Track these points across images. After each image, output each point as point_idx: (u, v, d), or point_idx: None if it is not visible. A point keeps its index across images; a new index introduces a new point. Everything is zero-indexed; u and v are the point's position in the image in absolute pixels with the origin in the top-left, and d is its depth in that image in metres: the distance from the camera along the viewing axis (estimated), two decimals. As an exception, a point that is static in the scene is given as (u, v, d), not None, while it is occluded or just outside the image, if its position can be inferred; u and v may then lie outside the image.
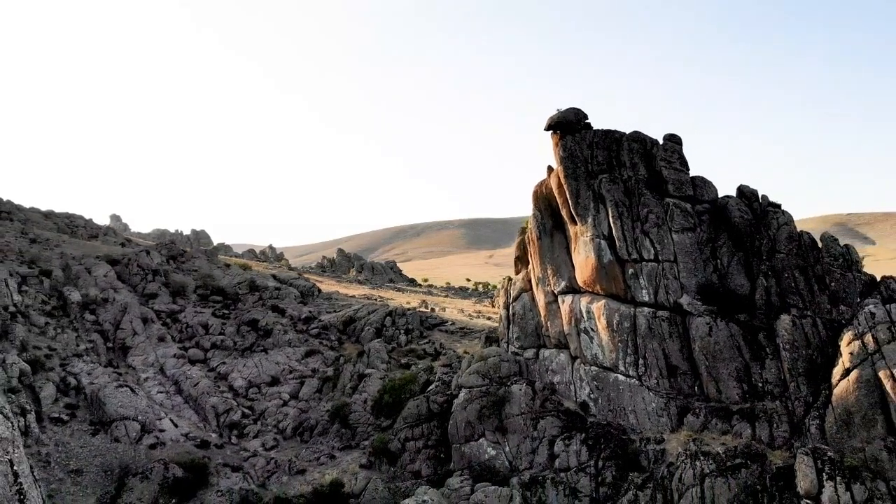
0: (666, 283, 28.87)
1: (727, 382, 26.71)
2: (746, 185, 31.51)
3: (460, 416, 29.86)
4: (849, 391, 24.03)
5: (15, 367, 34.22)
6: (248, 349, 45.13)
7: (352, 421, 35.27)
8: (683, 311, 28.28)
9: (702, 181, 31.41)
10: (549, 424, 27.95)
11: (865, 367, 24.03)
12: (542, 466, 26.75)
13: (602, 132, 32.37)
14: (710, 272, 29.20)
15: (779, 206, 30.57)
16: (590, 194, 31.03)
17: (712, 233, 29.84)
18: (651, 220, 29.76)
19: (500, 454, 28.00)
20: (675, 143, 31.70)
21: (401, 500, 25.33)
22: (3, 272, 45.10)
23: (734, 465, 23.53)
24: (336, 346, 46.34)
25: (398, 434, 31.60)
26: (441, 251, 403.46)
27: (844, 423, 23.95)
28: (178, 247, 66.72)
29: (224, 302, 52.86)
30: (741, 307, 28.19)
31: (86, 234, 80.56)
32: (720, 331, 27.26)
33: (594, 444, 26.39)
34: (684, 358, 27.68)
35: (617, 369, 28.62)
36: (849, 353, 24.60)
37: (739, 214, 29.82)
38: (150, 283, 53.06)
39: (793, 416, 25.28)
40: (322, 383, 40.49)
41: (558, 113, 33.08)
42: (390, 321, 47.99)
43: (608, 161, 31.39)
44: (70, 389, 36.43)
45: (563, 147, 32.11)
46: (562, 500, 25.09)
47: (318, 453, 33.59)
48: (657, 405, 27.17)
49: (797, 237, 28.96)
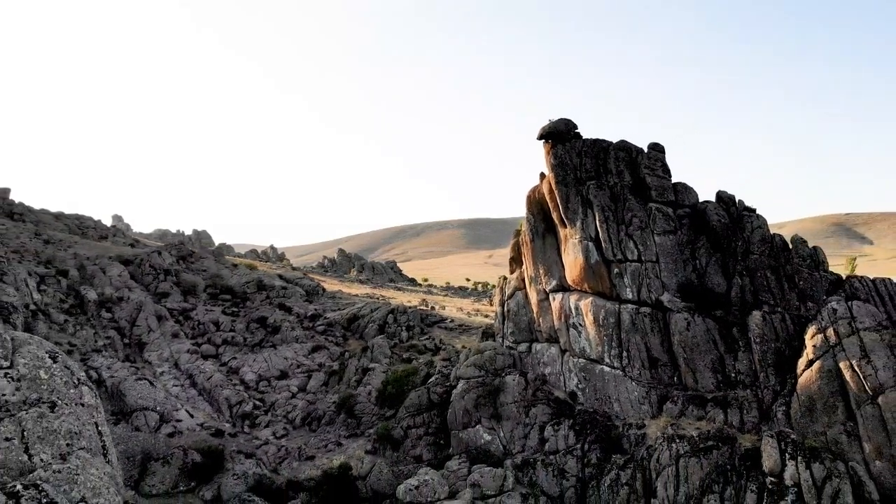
0: (648, 282, 31.21)
1: (703, 373, 29.06)
2: (724, 191, 33.84)
3: (458, 405, 32.23)
4: (812, 380, 26.38)
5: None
6: (258, 345, 47.48)
7: (357, 411, 37.61)
8: (664, 307, 30.63)
9: (683, 187, 33.75)
10: (540, 412, 30.32)
11: (827, 358, 26.38)
12: (533, 450, 29.11)
13: (590, 141, 34.70)
14: (689, 272, 31.55)
15: (753, 211, 32.91)
16: (579, 199, 33.38)
17: (692, 235, 32.17)
18: (635, 223, 32.10)
19: (495, 439, 30.37)
20: (658, 152, 34.05)
21: (403, 480, 27.64)
22: (23, 272, 47.45)
23: (707, 446, 25.88)
24: (341, 342, 48.69)
25: (401, 422, 33.96)
26: (441, 251, 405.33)
27: (808, 409, 26.30)
28: (187, 248, 69.05)
29: (233, 300, 55.20)
30: (718, 304, 30.54)
31: (96, 235, 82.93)
32: (697, 326, 29.61)
33: (581, 430, 28.74)
34: (664, 350, 30.03)
35: (602, 361, 30.97)
36: (812, 346, 26.95)
37: (717, 218, 32.17)
38: (162, 283, 55.40)
39: (762, 403, 27.64)
40: (328, 377, 42.85)
41: (550, 123, 35.40)
42: (392, 318, 50.33)
43: (596, 168, 33.73)
44: (91, 382, 38.71)
45: (554, 155, 34.44)
46: (550, 479, 27.45)
47: (325, 441, 35.94)
48: (639, 394, 29.52)
49: (770, 239, 31.32)
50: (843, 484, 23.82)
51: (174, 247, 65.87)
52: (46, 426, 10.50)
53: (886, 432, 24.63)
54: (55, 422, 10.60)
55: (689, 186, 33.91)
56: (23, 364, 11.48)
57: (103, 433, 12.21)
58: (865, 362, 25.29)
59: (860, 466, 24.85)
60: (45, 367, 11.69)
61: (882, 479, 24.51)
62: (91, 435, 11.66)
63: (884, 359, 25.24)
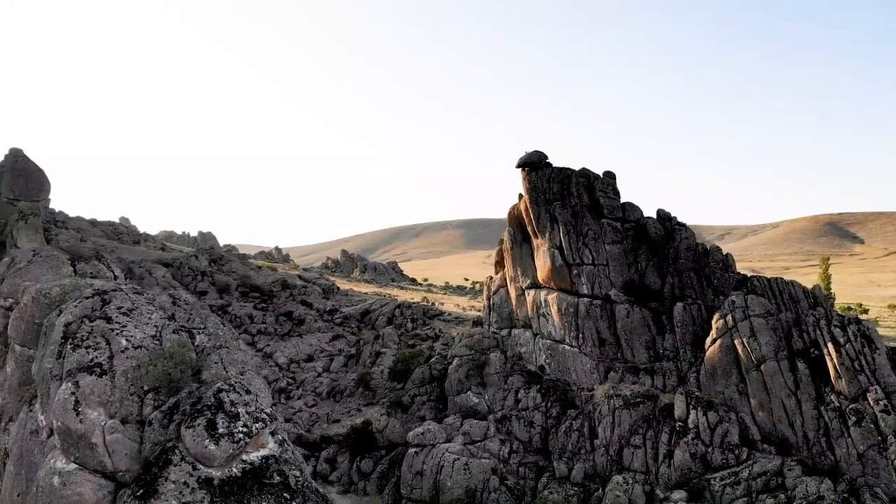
0: (600, 281, 40.35)
1: (639, 349, 38.23)
2: (663, 209, 43.03)
3: (454, 377, 41.38)
4: (715, 354, 35.53)
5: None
6: (286, 335, 56.63)
7: (373, 385, 46.76)
8: (611, 300, 39.74)
9: (630, 206, 42.90)
10: (516, 380, 39.48)
11: (726, 337, 35.50)
12: (510, 408, 38.25)
13: (558, 169, 43.83)
14: (632, 272, 40.71)
15: (683, 225, 42.09)
16: (547, 216, 42.50)
17: (635, 244, 41.34)
18: (590, 234, 41.25)
19: (482, 401, 39.51)
20: (610, 178, 43.24)
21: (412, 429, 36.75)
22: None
23: (636, 402, 35.04)
24: (356, 331, 57.86)
25: (408, 392, 43.14)
26: (440, 251, 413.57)
27: (711, 374, 35.46)
28: (217, 252, 78.16)
29: (261, 297, 64.32)
30: (653, 297, 39.72)
31: (129, 240, 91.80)
32: (636, 314, 38.76)
33: (546, 393, 37.90)
34: (611, 333, 39.17)
35: (564, 342, 40.10)
36: (716, 328, 36.08)
37: (655, 231, 41.34)
38: (200, 283, 64.52)
39: (680, 371, 36.83)
40: (347, 360, 52.03)
41: (526, 154, 44.58)
42: (399, 312, 59.54)
43: (561, 191, 42.87)
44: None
45: (528, 181, 43.60)
46: (522, 428, 36.63)
47: (348, 408, 45.09)
48: (590, 366, 38.67)
49: (694, 248, 40.50)
50: (731, 427, 33.01)
51: (205, 251, 75.05)
52: (231, 357, 19.61)
53: (766, 391, 33.81)
54: (235, 354, 19.77)
55: (634, 205, 43.06)
56: (210, 326, 20.63)
57: (265, 388, 21.43)
58: (753, 340, 34.43)
59: (747, 416, 34.04)
60: (220, 328, 20.89)
61: (763, 424, 33.70)
62: (250, 363, 20.87)
63: (767, 337, 34.38)
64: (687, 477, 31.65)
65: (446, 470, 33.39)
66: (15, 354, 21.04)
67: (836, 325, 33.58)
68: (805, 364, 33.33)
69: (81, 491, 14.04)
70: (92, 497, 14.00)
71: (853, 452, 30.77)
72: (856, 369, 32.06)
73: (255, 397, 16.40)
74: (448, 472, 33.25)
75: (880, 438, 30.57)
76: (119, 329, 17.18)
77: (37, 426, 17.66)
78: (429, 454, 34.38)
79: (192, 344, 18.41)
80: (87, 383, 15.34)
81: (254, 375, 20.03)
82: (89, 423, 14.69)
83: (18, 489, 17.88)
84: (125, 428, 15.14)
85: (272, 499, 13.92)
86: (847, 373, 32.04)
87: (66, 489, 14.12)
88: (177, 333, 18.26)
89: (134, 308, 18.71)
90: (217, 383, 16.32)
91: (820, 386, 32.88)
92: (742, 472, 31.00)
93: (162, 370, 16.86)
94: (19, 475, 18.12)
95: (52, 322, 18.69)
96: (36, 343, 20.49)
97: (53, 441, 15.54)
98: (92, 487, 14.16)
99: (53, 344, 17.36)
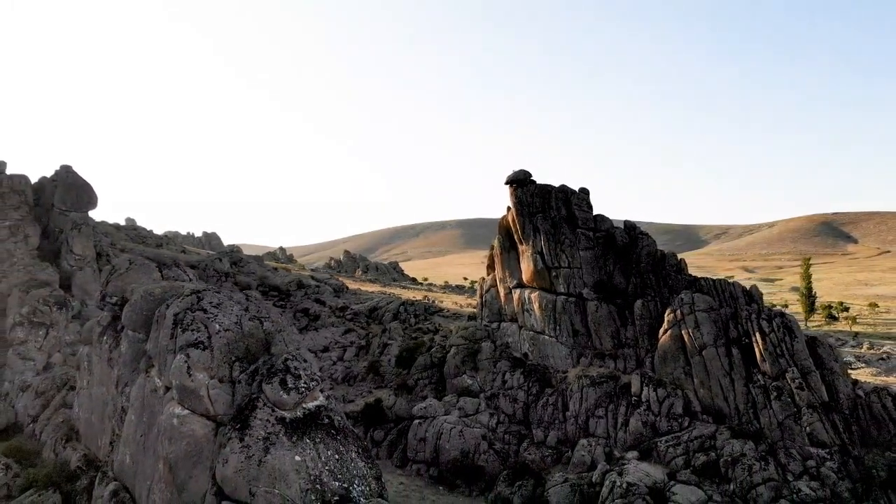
0: (574, 281, 47.76)
1: (605, 339, 45.64)
2: (629, 220, 50.44)
3: (451, 363, 48.81)
4: (666, 342, 42.89)
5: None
6: (304, 329, 64.03)
7: (381, 371, 54.17)
8: (584, 297, 47.13)
9: (601, 217, 50.30)
10: (503, 365, 46.94)
11: (675, 328, 42.86)
12: (498, 387, 45.70)
13: (540, 186, 51.24)
14: (602, 274, 48.12)
15: (646, 235, 49.49)
16: (531, 226, 49.90)
17: (604, 250, 48.73)
18: (567, 242, 48.65)
19: (475, 383, 46.96)
20: (584, 194, 50.69)
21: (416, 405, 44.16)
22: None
23: (600, 381, 42.45)
24: (365, 326, 65.28)
25: (412, 376, 50.57)
26: (439, 251, 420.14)
27: (663, 359, 42.84)
28: (237, 255, 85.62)
29: (279, 296, 71.75)
30: (619, 295, 47.13)
31: (152, 243, 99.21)
32: (603, 309, 46.15)
33: (528, 375, 45.32)
34: (582, 325, 46.58)
35: (544, 333, 47.51)
36: (668, 320, 43.44)
37: (621, 239, 48.74)
38: (224, 283, 71.90)
39: (638, 356, 44.26)
40: (358, 350, 59.46)
41: (513, 173, 51.98)
42: (403, 309, 66.98)
43: (542, 205, 50.29)
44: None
45: (515, 196, 51.02)
46: (507, 404, 44.12)
47: (361, 391, 52.50)
48: (565, 353, 46.08)
49: (654, 253, 47.90)
50: (676, 400, 40.39)
51: (227, 254, 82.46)
52: (290, 338, 26.94)
53: (707, 372, 41.16)
54: (292, 336, 27.06)
55: (605, 217, 50.47)
56: (273, 316, 27.78)
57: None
58: (697, 330, 41.78)
59: (691, 392, 41.40)
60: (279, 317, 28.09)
61: (704, 400, 41.02)
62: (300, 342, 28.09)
63: (708, 328, 41.71)
64: (639, 440, 39.06)
65: (445, 436, 40.84)
66: (128, 338, 28.40)
67: (764, 318, 40.96)
68: (738, 350, 40.67)
69: (193, 428, 21.27)
70: (200, 431, 21.28)
71: (774, 421, 38.12)
72: (777, 354, 39.43)
73: (309, 364, 23.77)
74: (446, 438, 40.71)
75: (796, 410, 37.92)
76: (213, 317, 24.54)
77: (154, 386, 24.96)
78: (430, 424, 41.84)
79: (262, 328, 25.77)
80: (194, 355, 22.66)
81: (305, 350, 27.36)
82: (198, 381, 21.99)
83: (141, 431, 25.26)
84: (221, 385, 22.50)
85: (323, 433, 21.31)
86: (770, 357, 39.40)
87: (182, 427, 21.39)
88: (251, 321, 25.63)
89: (220, 303, 26.15)
90: (283, 355, 23.68)
91: (749, 368, 40.24)
92: (683, 436, 38.39)
93: (244, 346, 24.28)
94: (140, 422, 25.44)
95: (162, 313, 26.03)
96: (144, 329, 27.91)
97: (170, 395, 22.88)
98: (200, 425, 21.32)
99: (167, 328, 24.70)
